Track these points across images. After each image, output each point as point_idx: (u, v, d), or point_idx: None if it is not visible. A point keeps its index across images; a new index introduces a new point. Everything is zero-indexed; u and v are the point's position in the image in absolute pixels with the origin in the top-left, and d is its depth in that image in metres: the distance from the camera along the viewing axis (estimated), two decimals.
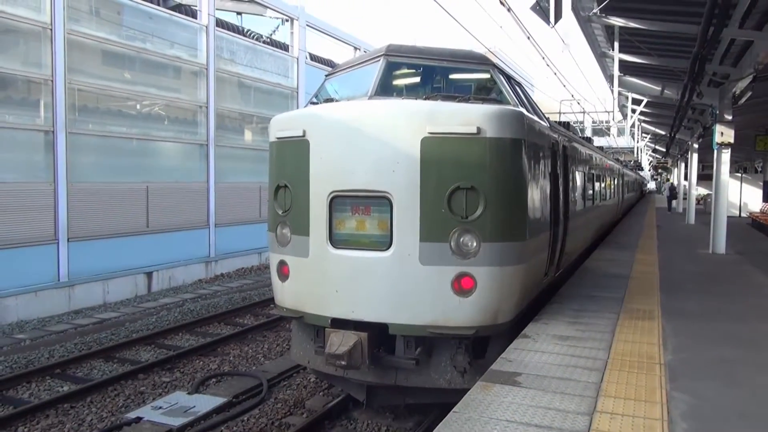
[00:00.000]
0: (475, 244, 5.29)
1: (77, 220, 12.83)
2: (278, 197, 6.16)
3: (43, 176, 12.28)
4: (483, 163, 5.31)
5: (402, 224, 5.43)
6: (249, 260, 17.75)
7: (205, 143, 16.58)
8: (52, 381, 8.21)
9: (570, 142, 8.89)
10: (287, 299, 6.13)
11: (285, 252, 6.08)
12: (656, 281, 8.83)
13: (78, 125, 13.00)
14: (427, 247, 5.36)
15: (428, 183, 5.33)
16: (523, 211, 5.64)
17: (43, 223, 12.24)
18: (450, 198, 5.31)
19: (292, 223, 6.00)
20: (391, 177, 5.41)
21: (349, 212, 5.66)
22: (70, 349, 9.51)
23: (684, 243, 14.89)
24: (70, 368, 8.71)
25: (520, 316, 5.99)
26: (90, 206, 13.12)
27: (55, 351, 9.36)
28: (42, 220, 12.20)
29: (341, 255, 5.66)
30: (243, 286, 15.06)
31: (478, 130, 5.24)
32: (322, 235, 5.74)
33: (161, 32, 15.13)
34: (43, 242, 12.20)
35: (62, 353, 9.30)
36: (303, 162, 5.81)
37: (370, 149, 5.46)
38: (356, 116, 5.59)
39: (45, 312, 11.84)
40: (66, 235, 12.55)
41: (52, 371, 8.48)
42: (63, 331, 10.67)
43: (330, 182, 5.67)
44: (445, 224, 5.33)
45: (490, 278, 5.34)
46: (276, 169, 6.30)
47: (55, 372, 8.49)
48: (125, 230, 13.89)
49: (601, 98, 39.38)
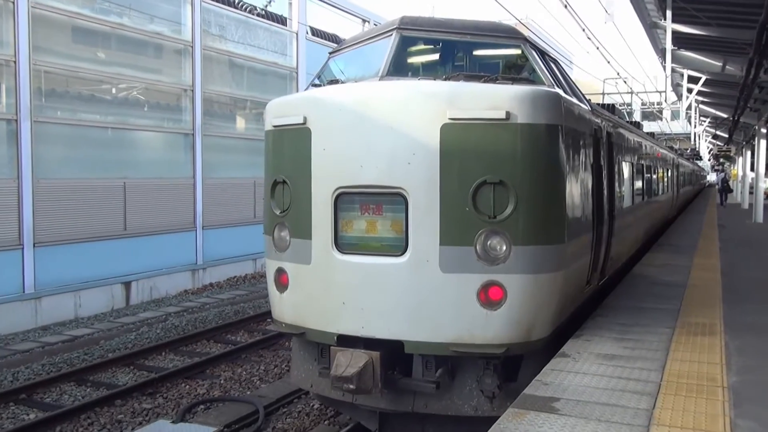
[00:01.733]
0: (505, 248, 5.30)
1: (44, 222, 12.96)
2: (275, 195, 6.19)
3: (4, 172, 12.41)
4: (513, 154, 5.32)
5: (419, 225, 5.44)
6: (242, 268, 17.88)
7: (191, 132, 16.71)
8: (16, 408, 8.29)
9: (615, 128, 8.83)
10: (286, 313, 6.17)
11: (283, 258, 6.12)
12: (718, 290, 8.77)
13: (45, 112, 13.13)
14: (448, 251, 5.37)
15: (449, 177, 5.35)
16: (560, 209, 5.64)
17: (5, 226, 12.37)
18: (475, 194, 5.32)
19: (292, 224, 6.03)
20: (406, 170, 5.43)
21: (357, 212, 5.68)
22: (37, 371, 9.61)
23: (751, 245, 14.70)
24: (37, 393, 8.78)
25: (557, 332, 5.98)
26: (59, 206, 13.26)
27: (19, 373, 9.45)
28: (3, 223, 12.33)
29: (349, 261, 5.69)
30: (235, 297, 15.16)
31: (507, 115, 5.25)
32: (326, 238, 5.78)
33: (140, 5, 15.23)
34: (4, 248, 12.32)
35: (28, 376, 9.40)
36: (304, 154, 5.84)
37: (381, 138, 5.49)
38: (365, 100, 5.62)
39: (8, 328, 11.96)
40: (31, 240, 12.67)
41: (17, 396, 8.56)
42: (29, 350, 10.79)
43: (335, 177, 5.70)
44: (470, 225, 5.34)
45: (523, 288, 5.34)
46: (272, 162, 6.32)
47: (20, 397, 8.57)
48: (99, 234, 14.03)
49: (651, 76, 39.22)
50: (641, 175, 11.75)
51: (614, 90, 32.34)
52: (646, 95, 36.13)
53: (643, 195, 11.96)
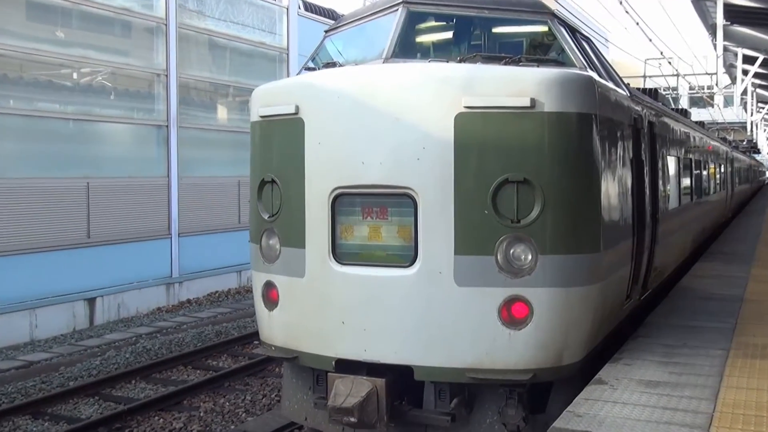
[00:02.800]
0: (531, 258, 5.30)
1: None
2: (263, 196, 6.19)
3: None
4: (540, 147, 5.32)
5: (430, 231, 5.43)
6: (225, 281, 17.80)
7: (165, 124, 16.69)
8: None
9: (659, 117, 8.83)
10: (276, 334, 6.16)
11: (273, 270, 6.12)
12: None
13: None
14: (464, 261, 5.37)
15: (465, 175, 5.35)
16: (595, 212, 5.63)
17: None
18: (495, 195, 5.31)
19: (282, 231, 6.03)
20: (415, 168, 5.42)
21: (358, 216, 5.69)
22: None
23: None
24: None
25: (592, 355, 5.97)
26: (10, 210, 13.17)
27: None
28: None
29: (348, 274, 5.69)
30: (217, 316, 15.13)
31: (532, 103, 5.24)
32: (322, 247, 5.77)
33: None
34: None
35: None
36: (296, 149, 5.83)
37: (386, 130, 5.48)
38: (367, 86, 5.62)
39: None
40: None
41: None
42: None
43: (333, 176, 5.70)
44: (489, 231, 5.33)
45: (552, 304, 5.33)
46: (259, 158, 6.31)
47: None
48: (59, 243, 13.95)
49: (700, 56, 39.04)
50: (689, 172, 11.71)
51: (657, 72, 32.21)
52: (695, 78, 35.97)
53: (692, 195, 11.92)
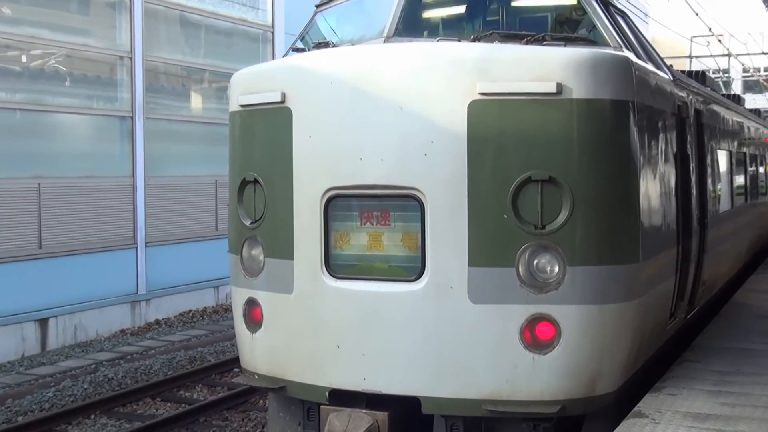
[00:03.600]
0: (558, 270, 5.29)
1: None
2: (244, 199, 6.19)
3: None
4: (568, 140, 5.31)
5: (440, 239, 5.42)
6: (199, 298, 17.72)
7: (129, 115, 16.60)
8: None
9: (707, 105, 8.82)
10: (260, 360, 6.13)
11: (255, 285, 6.12)
12: None
13: None
14: (480, 274, 5.35)
15: (481, 173, 5.33)
16: (633, 216, 5.63)
17: None
18: (516, 196, 5.30)
19: (267, 239, 6.02)
20: (421, 165, 5.41)
21: (355, 221, 5.68)
22: None
23: None
24: None
25: (631, 384, 5.93)
26: None
27: None
28: None
29: (344, 289, 5.68)
30: (190, 339, 15.05)
31: (558, 88, 5.22)
32: (313, 258, 5.76)
33: None
34: None
35: None
36: (282, 143, 5.83)
37: (388, 122, 5.47)
38: (366, 69, 5.59)
39: None
40: None
41: None
42: None
43: (325, 175, 5.69)
44: (509, 238, 5.32)
45: (583, 324, 5.31)
46: (240, 154, 6.32)
47: None
48: (4, 254, 13.83)
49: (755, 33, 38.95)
50: (743, 169, 11.68)
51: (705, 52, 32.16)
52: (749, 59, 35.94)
53: (747, 195, 11.91)
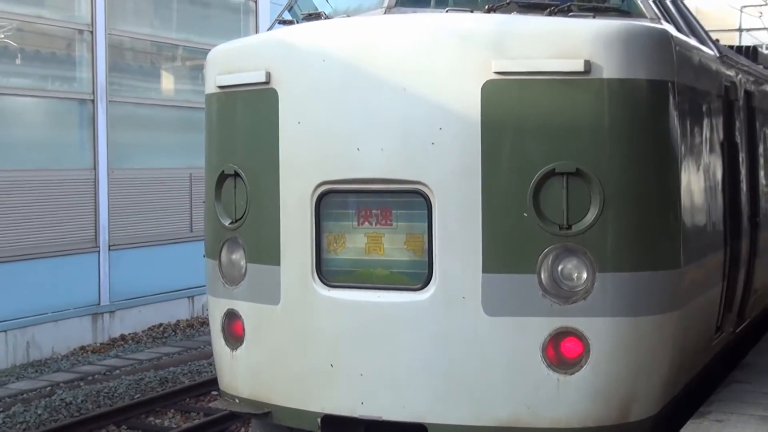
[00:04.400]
0: (586, 277, 5.28)
1: None
2: (223, 195, 6.22)
3: None
4: (597, 127, 5.31)
5: (450, 241, 5.42)
6: (171, 310, 17.63)
7: (90, 97, 16.43)
8: None
9: (759, 85, 8.81)
10: (242, 381, 6.14)
11: (236, 295, 6.13)
12: None
13: None
14: (496, 282, 5.35)
15: (497, 165, 5.35)
16: (673, 214, 5.62)
17: None
18: (538, 191, 5.29)
19: (249, 242, 6.04)
20: (428, 155, 5.42)
21: (352, 221, 5.71)
22: None
23: None
24: None
25: (671, 408, 5.91)
26: None
27: None
28: None
29: (339, 300, 5.68)
30: (161, 358, 14.96)
31: (587, 67, 5.20)
32: (303, 263, 5.77)
33: None
34: None
35: None
36: (267, 130, 5.86)
37: (389, 106, 5.47)
38: (364, 45, 5.60)
39: None
40: None
41: None
42: None
43: (317, 167, 5.71)
44: (530, 240, 5.32)
45: (615, 339, 5.30)
46: (218, 143, 6.36)
47: None
48: None
49: None
50: None
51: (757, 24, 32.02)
52: None
53: None
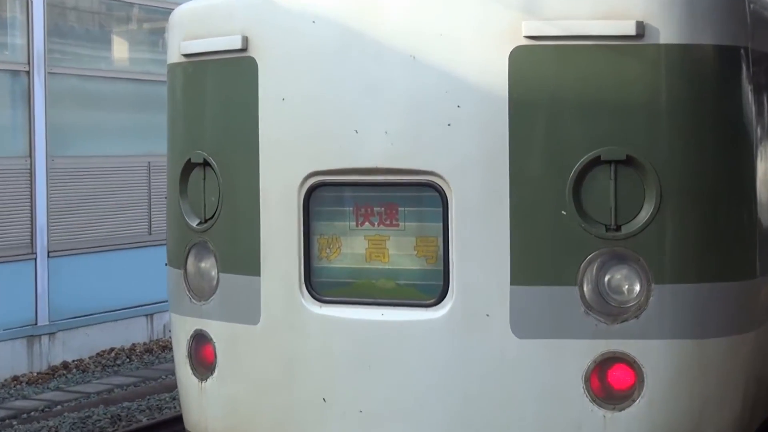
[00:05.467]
0: (639, 289, 5.28)
1: None
2: (189, 189, 6.26)
3: None
4: (653, 104, 5.31)
5: (471, 246, 5.46)
6: (125, 331, 17.65)
7: (25, 68, 16.47)
8: None
9: None
10: (213, 419, 6.17)
11: (206, 313, 6.18)
12: None
13: None
14: (528, 297, 5.39)
15: (528, 151, 5.38)
16: (746, 212, 5.60)
17: None
18: (579, 184, 5.32)
19: (222, 246, 6.09)
20: (443, 139, 5.46)
21: (349, 220, 5.75)
22: None
23: None
24: None
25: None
26: None
27: None
28: None
29: (333, 319, 5.72)
30: (113, 390, 14.85)
31: (639, 29, 5.19)
32: (288, 273, 5.82)
33: None
34: None
35: None
36: (244, 108, 5.91)
37: (395, 77, 5.51)
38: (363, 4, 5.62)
39: None
40: None
41: None
42: None
43: (306, 154, 5.75)
44: (570, 244, 5.35)
45: (676, 366, 5.30)
46: (183, 125, 6.46)
47: None
48: None
49: None
50: None
51: None
52: None
53: None
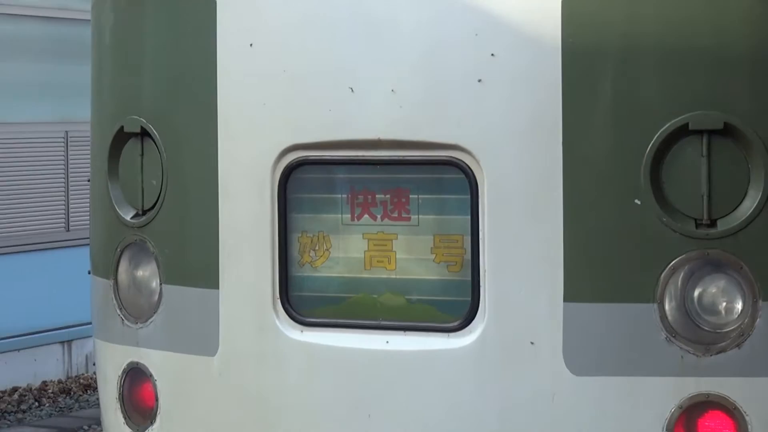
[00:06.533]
0: (741, 308, 5.23)
1: None
2: (122, 169, 6.27)
3: None
4: (760, 55, 5.25)
5: (509, 247, 5.44)
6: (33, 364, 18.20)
7: None
8: None
9: None
10: None
11: (144, 340, 6.20)
12: None
13: None
14: (587, 317, 5.40)
15: (587, 117, 5.39)
16: None
17: None
18: (658, 162, 5.26)
19: (166, 248, 6.11)
20: (472, 100, 5.43)
21: (341, 211, 5.77)
22: None
23: None
24: None
25: None
26: None
27: None
28: None
29: (319, 349, 5.74)
30: None
31: None
32: (257, 284, 5.82)
33: None
34: None
35: None
36: (197, 58, 6.00)
37: (404, 16, 5.54)
38: None
39: None
40: None
41: None
42: None
43: (283, 120, 5.75)
44: (646, 245, 5.31)
45: None
46: (113, 81, 6.51)
47: None
48: None
49: None
50: None
51: None
52: None
53: None
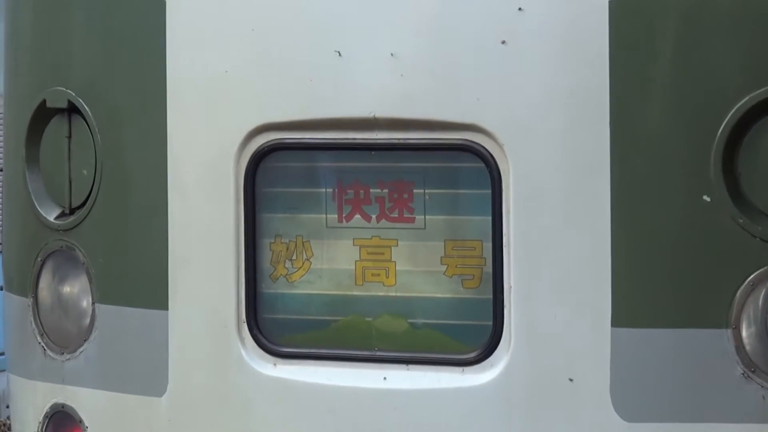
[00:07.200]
0: None
1: None
2: (44, 154, 6.25)
3: None
4: None
5: (543, 258, 5.31)
6: None
7: None
8: None
9: None
10: None
11: (71, 376, 6.14)
12: None
13: None
14: (642, 346, 5.31)
15: (642, 89, 5.36)
16: None
17: None
18: (733, 148, 5.11)
19: (100, 257, 6.03)
20: (492, 68, 5.35)
21: (327, 211, 5.70)
22: None
23: None
24: None
25: None
26: None
27: None
28: None
29: (297, 387, 5.68)
30: None
31: None
32: (218, 304, 5.70)
33: None
34: None
35: None
36: (140, 15, 5.96)
37: None
38: None
39: None
40: None
41: None
42: None
43: (249, 93, 5.70)
44: (717, 254, 5.20)
45: None
46: (34, 43, 6.61)
47: None
48: None
49: None
50: None
51: None
52: None
53: None
